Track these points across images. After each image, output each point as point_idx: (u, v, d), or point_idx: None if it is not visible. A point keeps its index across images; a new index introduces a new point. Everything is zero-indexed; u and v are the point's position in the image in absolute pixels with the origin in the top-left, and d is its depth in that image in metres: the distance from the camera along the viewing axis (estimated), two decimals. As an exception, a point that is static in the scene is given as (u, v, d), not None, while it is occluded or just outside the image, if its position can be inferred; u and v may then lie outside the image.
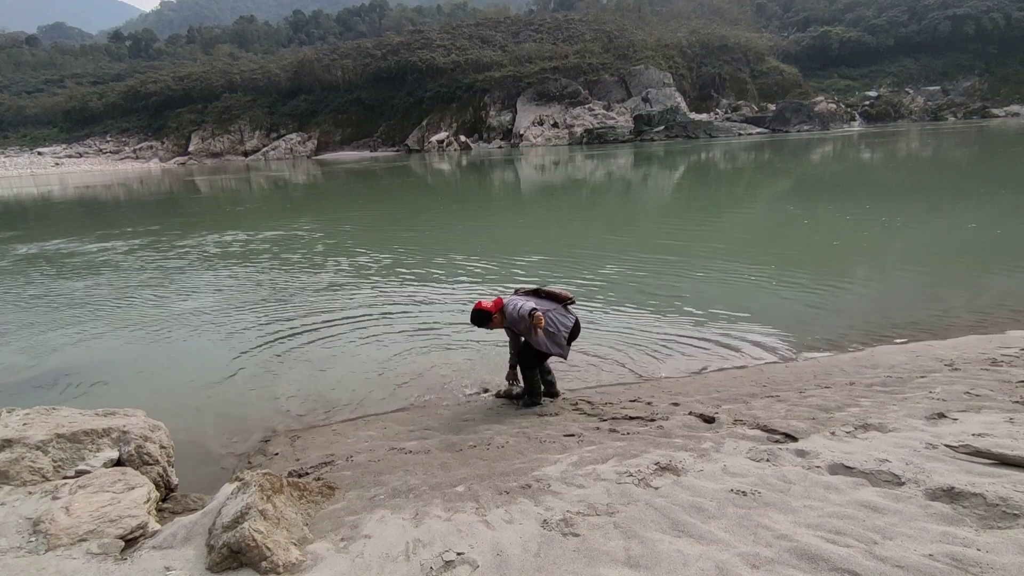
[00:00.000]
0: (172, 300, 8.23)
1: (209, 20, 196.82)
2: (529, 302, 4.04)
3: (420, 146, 73.71)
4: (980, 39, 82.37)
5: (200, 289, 8.83)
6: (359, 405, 4.74)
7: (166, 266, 10.78)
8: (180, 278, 9.66)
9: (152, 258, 11.69)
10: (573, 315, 4.27)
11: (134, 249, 12.83)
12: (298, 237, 13.54)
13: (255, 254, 11.63)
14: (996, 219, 11.45)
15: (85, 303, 8.27)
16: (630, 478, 2.82)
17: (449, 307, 7.16)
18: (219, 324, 6.99)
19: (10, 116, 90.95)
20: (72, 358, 6.07)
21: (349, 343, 6.12)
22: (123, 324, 7.14)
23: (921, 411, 3.51)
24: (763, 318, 6.29)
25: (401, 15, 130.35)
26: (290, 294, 8.25)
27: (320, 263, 10.37)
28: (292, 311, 7.37)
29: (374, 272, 9.37)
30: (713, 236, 11.48)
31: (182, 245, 13.11)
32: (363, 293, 8.11)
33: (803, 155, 33.27)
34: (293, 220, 17.18)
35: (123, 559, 2.36)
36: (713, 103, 76.93)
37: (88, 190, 36.95)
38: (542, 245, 11.34)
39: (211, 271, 10.16)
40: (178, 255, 11.88)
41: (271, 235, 14.00)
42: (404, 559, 2.28)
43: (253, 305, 7.76)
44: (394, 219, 16.54)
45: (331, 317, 7.03)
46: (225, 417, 4.60)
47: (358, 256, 10.81)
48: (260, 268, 10.21)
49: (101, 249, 13.06)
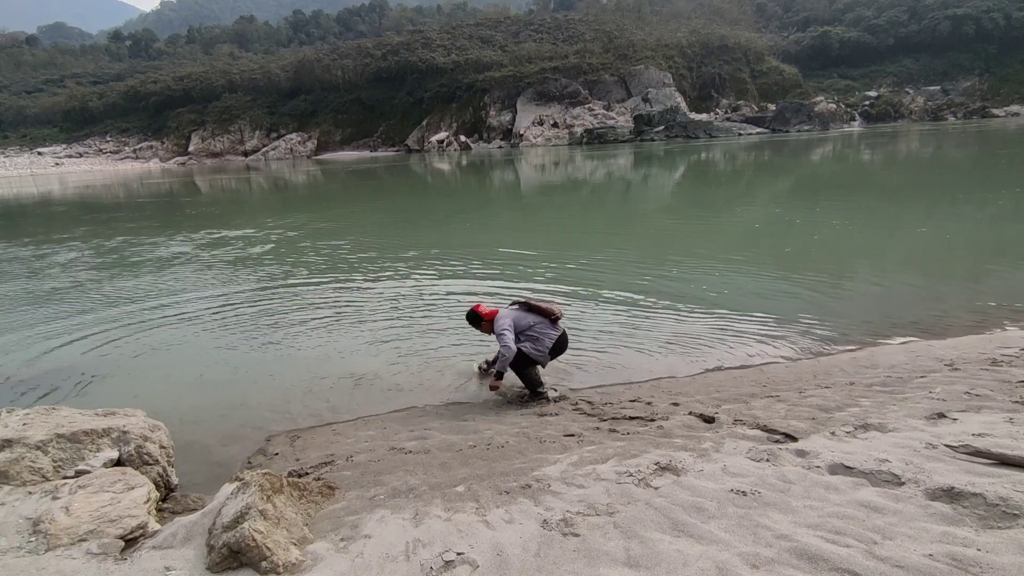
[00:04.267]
0: (172, 300, 8.23)
1: (209, 20, 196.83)
2: (513, 320, 4.54)
3: (420, 146, 73.70)
4: (980, 39, 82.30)
5: (200, 288, 8.82)
6: (359, 405, 4.73)
7: (166, 266, 10.77)
8: (180, 278, 9.65)
9: (152, 258, 11.68)
10: (560, 329, 4.64)
11: (134, 249, 12.83)
12: (299, 236, 13.54)
13: (255, 253, 11.62)
14: (996, 219, 11.45)
15: (85, 303, 8.26)
16: (630, 478, 2.82)
17: (450, 306, 7.16)
18: (219, 324, 6.99)
19: (10, 116, 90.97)
20: (72, 358, 6.07)
21: (349, 343, 6.12)
22: (123, 324, 7.14)
23: (921, 411, 3.51)
24: (763, 318, 6.29)
25: (401, 15, 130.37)
26: (291, 294, 8.25)
27: (321, 262, 10.37)
28: (292, 311, 7.37)
29: (375, 272, 9.37)
30: (713, 236, 11.48)
31: (182, 244, 13.11)
32: (363, 293, 8.10)
33: (803, 155, 33.26)
34: (294, 219, 17.18)
35: (123, 559, 2.36)
36: (713, 103, 76.91)
37: (88, 190, 36.95)
38: (542, 244, 11.34)
39: (211, 270, 10.16)
40: (178, 255, 11.87)
41: (271, 234, 14.00)
42: (404, 559, 2.28)
43: (253, 304, 7.76)
44: (395, 218, 16.54)
45: (331, 317, 7.03)
46: (225, 417, 4.59)
47: (359, 255, 10.81)
48: (260, 267, 10.21)
49: (101, 249, 13.06)
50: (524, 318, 4.58)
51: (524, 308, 4.68)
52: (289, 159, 76.57)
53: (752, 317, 6.32)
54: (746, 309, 6.55)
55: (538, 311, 4.64)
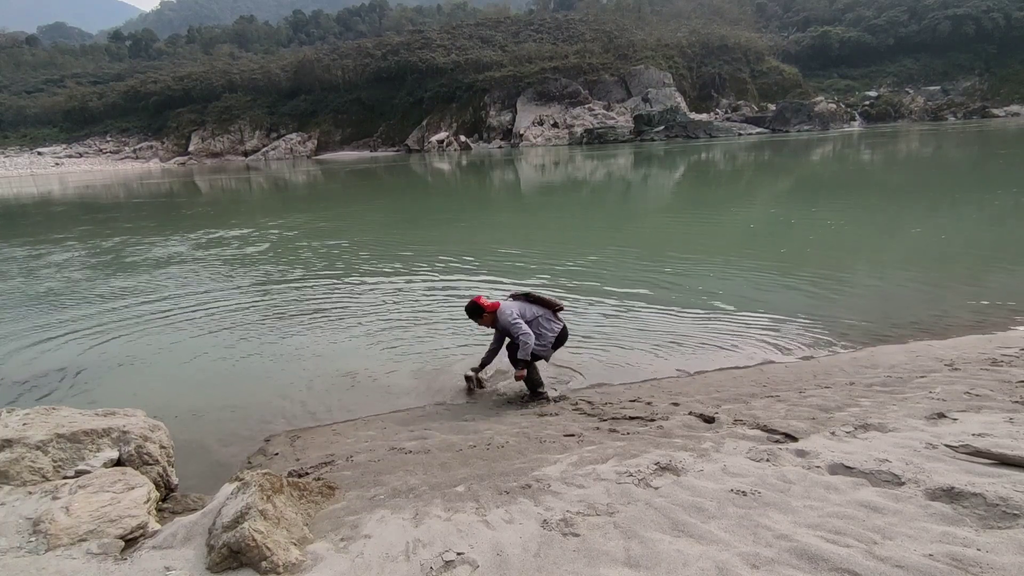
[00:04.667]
0: (172, 300, 8.22)
1: (209, 20, 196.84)
2: (519, 311, 4.39)
3: (420, 146, 73.71)
4: (980, 39, 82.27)
5: (200, 288, 8.82)
6: (359, 405, 4.73)
7: (165, 266, 10.77)
8: (180, 277, 9.65)
9: (151, 257, 11.68)
10: (561, 322, 4.54)
11: (133, 249, 12.83)
12: (298, 236, 13.53)
13: (255, 253, 11.62)
14: (995, 219, 11.45)
15: (84, 303, 8.26)
16: (630, 478, 2.82)
17: (450, 306, 7.16)
18: (219, 324, 6.99)
19: (10, 116, 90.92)
20: (72, 358, 6.07)
21: (350, 343, 6.12)
22: (123, 324, 7.14)
23: (921, 411, 3.51)
24: (763, 318, 6.29)
25: (401, 15, 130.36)
26: (291, 293, 8.25)
27: (320, 262, 10.37)
28: (293, 310, 7.37)
29: (374, 271, 9.37)
30: (712, 236, 11.48)
31: (181, 245, 13.10)
32: (363, 292, 8.10)
33: (803, 155, 33.26)
34: (293, 219, 17.18)
35: (123, 559, 2.36)
36: (713, 103, 76.90)
37: (88, 190, 36.95)
38: (542, 244, 11.34)
39: (211, 270, 10.16)
40: (178, 255, 11.87)
41: (270, 234, 14.00)
42: (404, 559, 2.28)
43: (253, 304, 7.76)
44: (394, 217, 16.54)
45: (331, 316, 7.03)
46: (225, 417, 4.59)
47: (358, 255, 10.81)
48: (260, 267, 10.21)
49: (100, 249, 13.06)
50: (528, 309, 4.44)
51: (526, 299, 4.54)
52: (289, 159, 76.57)
53: (752, 317, 6.32)
54: (746, 309, 6.55)
55: (541, 302, 4.50)
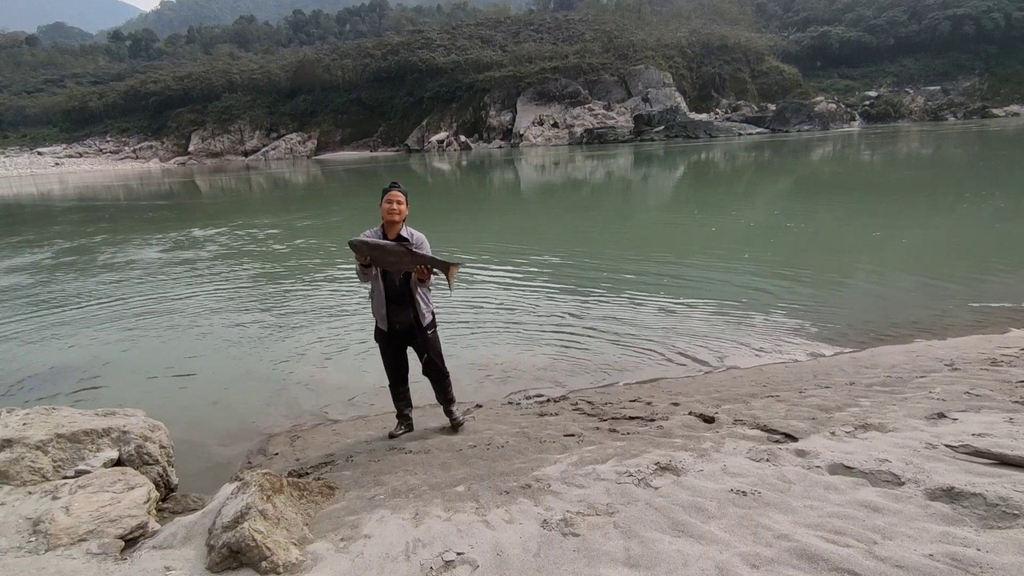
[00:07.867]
0: (172, 300, 8.22)
1: (209, 20, 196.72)
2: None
3: (420, 146, 73.69)
4: (980, 39, 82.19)
5: (200, 289, 8.82)
6: (359, 405, 4.73)
7: (165, 266, 10.77)
8: (180, 278, 9.65)
9: (151, 258, 11.68)
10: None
11: (133, 249, 12.83)
12: (299, 235, 13.53)
13: (255, 253, 11.62)
14: (995, 219, 11.44)
15: (84, 303, 8.26)
16: (630, 478, 2.82)
17: (449, 305, 7.16)
18: (219, 324, 6.99)
19: (10, 116, 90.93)
20: (71, 358, 6.07)
21: (349, 343, 6.12)
22: (123, 324, 7.14)
23: (921, 411, 3.51)
24: (763, 318, 6.29)
25: (401, 15, 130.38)
26: (291, 293, 8.25)
27: (320, 262, 10.37)
28: (293, 310, 7.37)
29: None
30: (712, 236, 11.48)
31: (182, 244, 13.10)
32: (364, 292, 8.10)
33: (803, 155, 33.26)
34: (294, 218, 17.17)
35: (123, 559, 2.36)
36: (713, 103, 76.88)
37: (87, 190, 36.94)
38: (541, 243, 11.33)
39: (210, 270, 10.15)
40: (177, 254, 11.87)
41: (271, 233, 14.00)
42: (404, 559, 2.28)
43: (253, 304, 7.76)
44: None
45: (331, 316, 7.03)
46: (225, 417, 4.59)
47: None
48: (260, 267, 10.20)
49: (101, 249, 13.06)
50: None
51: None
52: (289, 159, 76.56)
53: (752, 317, 6.32)
54: (746, 309, 6.55)
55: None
